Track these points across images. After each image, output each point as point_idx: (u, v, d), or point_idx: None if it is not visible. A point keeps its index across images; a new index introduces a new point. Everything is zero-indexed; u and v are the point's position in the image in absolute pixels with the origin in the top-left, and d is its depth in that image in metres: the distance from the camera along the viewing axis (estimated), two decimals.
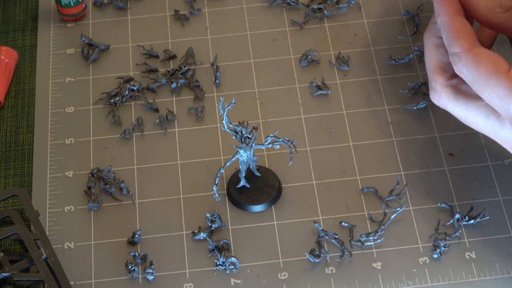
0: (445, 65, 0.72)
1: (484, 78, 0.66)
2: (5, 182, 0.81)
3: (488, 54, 0.67)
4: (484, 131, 0.70)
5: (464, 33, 0.68)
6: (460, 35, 0.68)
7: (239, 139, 0.75)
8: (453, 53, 0.68)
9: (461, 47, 0.68)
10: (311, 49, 0.88)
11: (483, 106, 0.69)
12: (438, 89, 0.72)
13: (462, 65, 0.68)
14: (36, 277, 0.72)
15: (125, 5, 0.93)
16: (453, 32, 0.68)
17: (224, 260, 0.74)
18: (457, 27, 0.69)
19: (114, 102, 0.85)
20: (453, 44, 0.68)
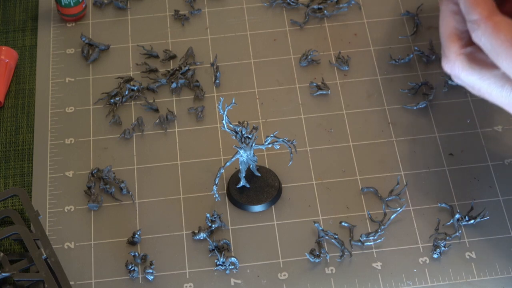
0: (460, 32, 0.70)
1: (504, 47, 0.65)
2: (5, 182, 0.81)
3: (508, 22, 0.65)
4: (498, 101, 0.69)
5: (484, 1, 0.67)
6: (479, 2, 0.67)
7: (239, 139, 0.75)
8: (472, 21, 0.67)
9: (480, 15, 0.66)
10: (311, 49, 0.88)
11: (499, 76, 0.68)
12: (452, 57, 0.70)
13: (480, 33, 0.66)
14: (36, 277, 0.72)
15: (125, 5, 0.93)
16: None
17: (224, 260, 0.74)
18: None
19: (114, 102, 0.85)
20: (471, 12, 0.67)
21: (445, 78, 0.86)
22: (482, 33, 0.66)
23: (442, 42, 0.71)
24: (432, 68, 0.87)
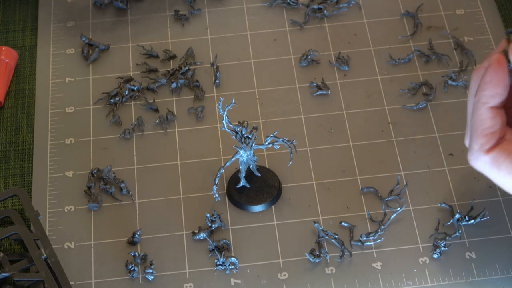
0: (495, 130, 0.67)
1: (508, 179, 0.65)
2: (5, 182, 0.81)
3: (507, 154, 0.65)
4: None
5: (491, 134, 0.66)
6: (485, 134, 0.66)
7: (239, 139, 0.75)
8: (473, 148, 0.67)
9: (481, 147, 0.66)
10: (311, 49, 0.88)
11: None
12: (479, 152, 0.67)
13: (480, 164, 0.66)
14: (36, 277, 0.72)
15: (125, 5, 0.93)
16: (480, 129, 0.66)
17: (224, 260, 0.74)
18: (487, 124, 0.66)
19: (114, 102, 0.85)
20: (475, 140, 0.66)
21: (445, 78, 0.86)
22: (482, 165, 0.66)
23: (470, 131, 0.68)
24: (432, 68, 0.87)
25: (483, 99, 0.66)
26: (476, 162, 0.66)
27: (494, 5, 0.91)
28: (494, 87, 0.65)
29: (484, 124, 0.66)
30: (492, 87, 0.65)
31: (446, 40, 0.89)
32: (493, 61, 0.66)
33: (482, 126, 0.66)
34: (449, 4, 0.92)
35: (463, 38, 0.89)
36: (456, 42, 0.88)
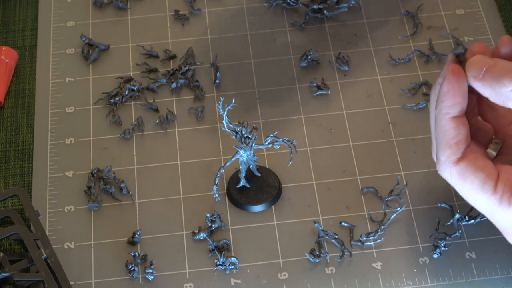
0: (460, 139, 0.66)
1: (470, 194, 0.65)
2: (5, 182, 0.81)
3: (474, 170, 0.65)
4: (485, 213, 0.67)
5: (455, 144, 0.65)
6: (450, 145, 0.65)
7: (239, 139, 0.75)
8: (440, 160, 0.66)
9: (448, 158, 0.66)
10: (311, 49, 0.88)
11: None
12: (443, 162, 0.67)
13: (448, 175, 0.66)
14: (36, 277, 0.72)
15: (125, 5, 0.93)
16: (444, 140, 0.65)
17: (224, 260, 0.74)
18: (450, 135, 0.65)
19: (114, 102, 0.85)
20: (441, 152, 0.66)
21: None
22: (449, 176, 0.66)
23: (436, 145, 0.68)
24: (432, 68, 0.87)
25: (444, 110, 0.66)
26: (444, 173, 0.66)
27: (494, 5, 0.91)
28: (452, 97, 0.65)
29: (448, 135, 0.66)
30: (450, 97, 0.65)
31: (446, 40, 0.89)
32: (447, 72, 0.66)
33: (447, 137, 0.66)
34: (449, 4, 0.92)
35: (463, 38, 0.89)
36: (456, 42, 0.88)
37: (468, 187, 0.65)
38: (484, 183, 0.64)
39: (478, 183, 0.64)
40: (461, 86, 0.65)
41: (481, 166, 0.65)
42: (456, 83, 0.65)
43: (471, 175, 0.65)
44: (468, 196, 0.66)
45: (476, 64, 0.65)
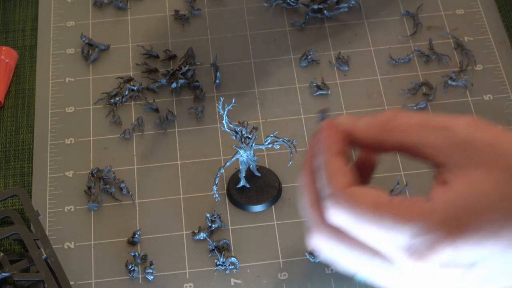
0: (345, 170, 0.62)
1: (365, 216, 0.58)
2: (5, 182, 0.81)
3: (366, 190, 0.59)
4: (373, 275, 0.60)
5: (341, 173, 0.60)
6: (336, 176, 0.60)
7: (239, 139, 0.75)
8: (327, 196, 0.59)
9: (336, 186, 0.59)
10: (311, 49, 0.88)
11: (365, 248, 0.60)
12: (317, 227, 0.61)
13: (337, 207, 0.58)
14: (36, 277, 0.72)
15: (125, 5, 0.93)
16: (329, 172, 0.60)
17: (224, 260, 0.74)
18: (335, 167, 0.61)
19: (114, 102, 0.85)
20: (327, 185, 0.60)
21: (445, 78, 0.86)
22: (339, 207, 0.58)
23: (306, 214, 0.63)
24: (432, 68, 0.87)
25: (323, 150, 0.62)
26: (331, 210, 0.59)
27: (494, 5, 0.91)
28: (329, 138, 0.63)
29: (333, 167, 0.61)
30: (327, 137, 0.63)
31: (446, 40, 0.89)
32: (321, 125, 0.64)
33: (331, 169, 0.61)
34: (449, 4, 0.92)
35: (463, 38, 0.89)
36: (456, 42, 0.88)
37: (362, 209, 0.58)
38: (379, 198, 0.58)
39: (373, 199, 0.58)
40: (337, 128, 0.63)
41: (372, 188, 0.60)
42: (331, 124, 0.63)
43: (364, 193, 0.59)
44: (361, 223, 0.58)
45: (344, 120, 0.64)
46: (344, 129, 0.63)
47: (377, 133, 0.62)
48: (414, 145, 0.60)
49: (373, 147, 0.63)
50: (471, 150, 0.58)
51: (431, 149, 0.59)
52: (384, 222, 0.57)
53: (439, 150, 0.58)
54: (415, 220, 0.56)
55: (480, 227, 0.56)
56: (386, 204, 0.58)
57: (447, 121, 0.59)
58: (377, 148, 0.63)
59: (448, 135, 0.58)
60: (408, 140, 0.60)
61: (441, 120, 0.59)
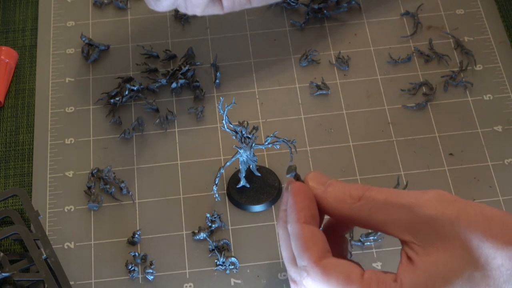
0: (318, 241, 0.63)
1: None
2: (5, 182, 0.81)
3: (338, 263, 0.60)
4: None
5: (313, 244, 0.61)
6: (308, 247, 0.61)
7: (239, 139, 0.75)
8: (301, 267, 0.61)
9: (308, 260, 0.60)
10: (311, 49, 0.88)
11: None
12: (298, 280, 0.62)
13: (310, 280, 0.60)
14: (36, 277, 0.72)
15: (125, 5, 0.93)
16: (301, 243, 0.61)
17: (224, 260, 0.74)
18: (306, 236, 0.61)
19: (114, 102, 0.85)
20: (300, 257, 0.61)
21: (445, 78, 0.86)
22: (312, 280, 0.60)
23: (286, 267, 0.64)
24: (432, 68, 0.87)
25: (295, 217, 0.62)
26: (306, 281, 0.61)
27: (494, 5, 0.91)
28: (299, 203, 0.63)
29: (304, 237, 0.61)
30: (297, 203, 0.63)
31: (446, 40, 0.89)
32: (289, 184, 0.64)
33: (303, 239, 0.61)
34: (449, 4, 0.92)
35: (463, 38, 0.89)
36: (456, 42, 0.88)
37: (333, 284, 0.59)
38: (350, 273, 0.60)
39: (344, 274, 0.59)
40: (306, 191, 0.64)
41: (345, 261, 0.61)
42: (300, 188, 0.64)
43: (336, 269, 0.60)
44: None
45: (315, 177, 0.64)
46: (314, 194, 0.64)
47: (344, 209, 0.62)
48: (380, 224, 0.61)
49: (338, 219, 0.64)
50: (434, 227, 0.59)
51: (396, 228, 0.60)
52: None
53: (404, 230, 0.60)
54: None
55: None
56: (357, 280, 0.59)
57: (412, 199, 0.60)
58: (343, 220, 0.64)
59: (412, 215, 0.59)
60: (374, 219, 0.61)
61: (406, 198, 0.60)
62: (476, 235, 0.57)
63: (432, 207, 0.59)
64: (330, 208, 0.63)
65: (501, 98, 0.84)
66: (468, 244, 0.57)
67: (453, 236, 0.58)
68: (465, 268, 0.57)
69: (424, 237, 0.59)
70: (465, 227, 0.58)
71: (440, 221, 0.58)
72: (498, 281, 0.57)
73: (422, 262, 0.58)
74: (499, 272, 0.57)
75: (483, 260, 0.57)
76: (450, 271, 0.58)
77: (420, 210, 0.59)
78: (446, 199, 0.59)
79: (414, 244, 0.59)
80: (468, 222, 0.58)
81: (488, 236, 0.57)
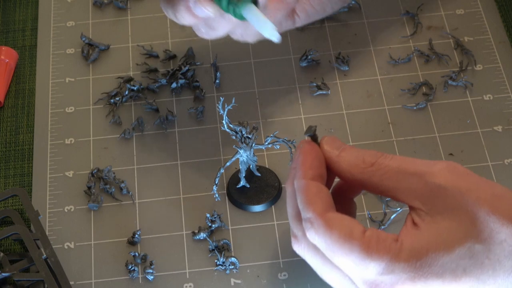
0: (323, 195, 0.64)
1: (338, 244, 0.60)
2: (5, 182, 0.81)
3: (341, 218, 0.61)
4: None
5: (319, 199, 0.62)
6: (314, 200, 0.62)
7: (239, 139, 0.75)
8: (305, 219, 0.62)
9: (313, 212, 0.61)
10: (311, 49, 0.88)
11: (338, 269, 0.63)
12: (299, 236, 0.64)
13: (313, 231, 0.61)
14: (36, 277, 0.72)
15: (125, 5, 0.93)
16: (307, 197, 0.62)
17: (224, 260, 0.74)
18: (312, 192, 0.62)
19: (114, 102, 0.85)
20: (305, 209, 0.62)
21: (445, 78, 0.86)
22: (315, 231, 0.61)
23: (290, 223, 0.66)
24: (432, 68, 0.87)
25: (302, 175, 0.63)
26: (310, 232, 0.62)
27: (494, 5, 0.91)
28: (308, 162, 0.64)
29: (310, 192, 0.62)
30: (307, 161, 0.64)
31: (446, 40, 0.89)
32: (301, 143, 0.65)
33: (310, 194, 0.62)
34: (449, 4, 0.92)
35: (463, 38, 0.89)
36: (456, 42, 0.88)
37: (335, 237, 0.60)
38: (353, 228, 0.60)
39: (346, 229, 0.60)
40: (317, 151, 0.65)
41: (348, 217, 0.62)
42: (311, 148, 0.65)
43: (339, 223, 0.61)
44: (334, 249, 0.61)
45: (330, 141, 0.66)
46: (326, 157, 0.65)
47: (356, 173, 0.64)
48: (391, 190, 0.62)
49: (350, 183, 0.65)
50: (444, 197, 0.60)
51: (406, 195, 0.61)
52: (353, 254, 0.60)
53: (414, 197, 0.61)
54: (382, 258, 0.59)
55: (442, 274, 0.58)
56: (358, 237, 0.60)
57: (424, 167, 0.61)
58: (354, 184, 0.65)
59: (423, 183, 0.60)
60: (385, 184, 0.62)
61: (419, 167, 0.61)
62: (483, 209, 0.58)
63: (444, 177, 0.60)
64: (343, 172, 0.64)
65: (501, 98, 0.84)
66: (475, 216, 0.58)
67: (460, 207, 0.59)
68: (468, 239, 0.58)
69: (432, 205, 0.60)
70: (473, 200, 0.59)
71: (450, 191, 0.59)
72: (499, 255, 0.58)
73: (426, 227, 0.59)
74: (501, 247, 0.58)
75: (487, 234, 0.58)
76: (452, 239, 0.58)
77: (431, 179, 0.60)
78: (458, 171, 0.61)
79: (421, 211, 0.60)
80: (477, 195, 0.59)
81: (495, 211, 0.58)
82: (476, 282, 0.59)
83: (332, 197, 0.63)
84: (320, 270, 0.64)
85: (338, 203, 0.64)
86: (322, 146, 0.65)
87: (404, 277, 0.59)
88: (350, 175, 0.64)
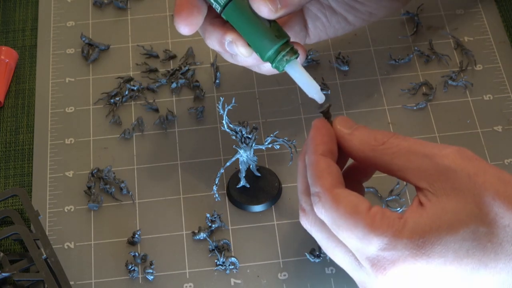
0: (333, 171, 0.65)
1: (343, 219, 0.61)
2: (5, 182, 0.81)
3: (348, 194, 0.62)
4: (343, 266, 0.65)
5: (328, 174, 0.63)
6: (323, 175, 0.63)
7: (239, 139, 0.75)
8: (313, 193, 0.63)
9: (321, 187, 0.62)
10: (311, 49, 0.88)
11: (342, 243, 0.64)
12: (307, 209, 0.65)
13: (321, 205, 0.62)
14: (36, 277, 0.72)
15: (125, 5, 0.93)
16: (316, 172, 0.64)
17: (224, 260, 0.74)
18: (322, 167, 0.64)
19: (114, 102, 0.85)
20: (314, 184, 0.63)
21: (445, 78, 0.86)
22: (322, 205, 0.62)
23: (299, 196, 0.67)
24: (432, 68, 0.87)
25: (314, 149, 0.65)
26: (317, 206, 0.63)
27: (494, 5, 0.91)
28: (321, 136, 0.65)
29: (320, 167, 0.64)
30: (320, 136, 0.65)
31: (446, 40, 0.89)
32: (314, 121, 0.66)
33: (319, 168, 0.64)
34: (449, 4, 0.92)
35: (463, 38, 0.89)
36: (456, 42, 0.88)
37: (341, 212, 0.61)
38: (359, 205, 0.61)
39: (353, 204, 0.61)
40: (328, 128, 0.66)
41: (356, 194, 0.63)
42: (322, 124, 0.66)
43: (346, 198, 0.62)
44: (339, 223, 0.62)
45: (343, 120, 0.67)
46: (337, 135, 0.66)
47: (367, 151, 0.65)
48: (400, 169, 0.63)
49: (360, 161, 0.66)
50: (452, 179, 0.60)
51: (415, 175, 0.62)
52: (357, 229, 0.60)
53: (422, 177, 0.61)
54: (385, 234, 0.59)
55: (445, 254, 0.59)
56: (363, 212, 0.61)
57: (435, 149, 0.62)
58: (364, 163, 0.66)
59: (432, 164, 0.61)
60: (395, 163, 0.63)
61: (429, 148, 0.62)
62: (489, 193, 0.59)
63: (453, 160, 0.61)
64: (354, 149, 0.65)
65: (501, 98, 0.84)
66: (480, 199, 0.59)
67: (467, 189, 0.60)
68: (472, 221, 0.59)
69: (439, 186, 0.61)
70: (480, 184, 0.60)
71: (458, 173, 0.60)
72: (502, 240, 0.59)
73: (432, 207, 0.60)
74: (504, 232, 0.59)
75: (491, 218, 0.59)
76: (457, 220, 0.59)
77: (441, 161, 0.61)
78: (468, 155, 0.61)
79: (428, 192, 0.61)
80: (485, 179, 0.60)
81: (500, 195, 0.59)
82: (478, 264, 0.59)
83: (341, 175, 0.64)
84: (325, 245, 0.65)
85: (347, 186, 0.65)
86: (335, 125, 0.66)
87: (406, 254, 0.59)
88: (361, 153, 0.65)
